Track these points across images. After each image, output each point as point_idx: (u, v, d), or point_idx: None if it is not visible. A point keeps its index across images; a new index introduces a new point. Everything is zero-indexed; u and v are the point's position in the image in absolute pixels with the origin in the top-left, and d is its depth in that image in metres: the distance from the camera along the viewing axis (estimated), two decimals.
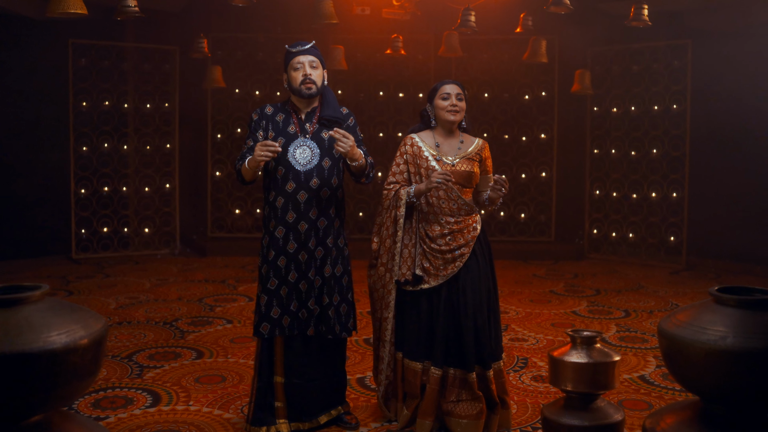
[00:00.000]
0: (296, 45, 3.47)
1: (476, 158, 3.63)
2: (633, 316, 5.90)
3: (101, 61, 8.18)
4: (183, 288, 6.80)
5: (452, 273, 3.49)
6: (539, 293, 6.69)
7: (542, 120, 8.73)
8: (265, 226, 3.54)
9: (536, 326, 5.56)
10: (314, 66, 3.45)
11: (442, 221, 3.53)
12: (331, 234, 3.50)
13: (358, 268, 7.50)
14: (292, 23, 8.38)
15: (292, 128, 3.49)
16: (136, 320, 5.62)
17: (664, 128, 8.02)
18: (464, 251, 3.50)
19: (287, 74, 3.48)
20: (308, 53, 3.45)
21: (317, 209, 3.45)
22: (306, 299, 3.47)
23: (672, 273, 7.68)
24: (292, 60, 3.44)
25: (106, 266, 7.86)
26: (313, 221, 3.45)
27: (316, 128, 3.50)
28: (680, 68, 7.87)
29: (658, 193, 8.09)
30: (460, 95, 3.58)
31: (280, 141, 3.46)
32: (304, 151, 3.45)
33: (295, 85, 3.44)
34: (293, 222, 3.43)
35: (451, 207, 3.55)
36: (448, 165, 3.57)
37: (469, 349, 3.47)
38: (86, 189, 8.18)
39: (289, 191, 3.43)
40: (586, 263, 8.31)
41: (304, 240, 3.44)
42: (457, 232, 3.52)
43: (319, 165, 3.45)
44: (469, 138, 3.70)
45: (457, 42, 7.03)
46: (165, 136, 8.62)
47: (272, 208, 3.47)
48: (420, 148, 3.62)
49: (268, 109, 3.55)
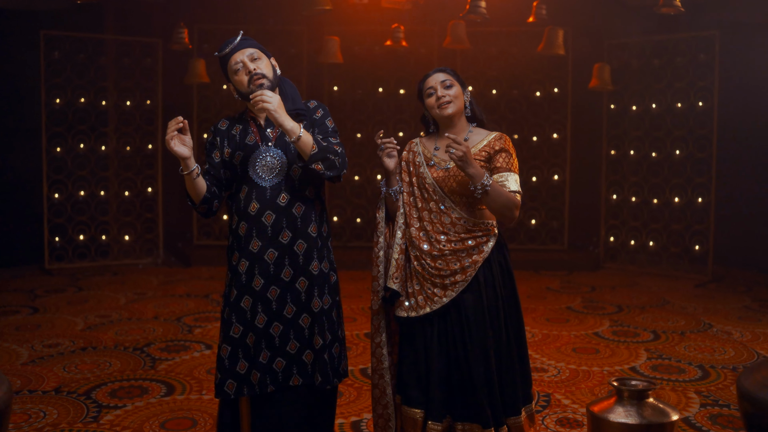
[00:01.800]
0: (224, 45, 2.81)
1: (482, 156, 2.90)
2: (663, 338, 5.26)
3: (76, 54, 7.52)
4: (161, 304, 6.15)
5: (442, 303, 2.84)
6: (555, 310, 6.05)
7: (554, 119, 8.08)
8: (228, 260, 2.89)
9: (556, 352, 4.92)
10: (255, 57, 2.79)
11: (432, 239, 2.89)
12: (315, 257, 2.84)
13: (356, 279, 6.86)
14: (285, 13, 7.74)
15: (251, 138, 2.83)
16: (104, 345, 4.97)
17: (688, 128, 7.37)
18: (458, 279, 2.84)
19: (231, 83, 2.84)
20: (242, 47, 2.79)
21: (290, 230, 2.79)
22: (282, 344, 2.81)
23: (697, 285, 7.03)
24: (228, 63, 2.80)
25: (81, 278, 7.21)
26: (286, 246, 2.78)
27: (279, 132, 2.84)
28: (706, 62, 7.21)
29: (682, 198, 7.44)
30: (447, 81, 2.91)
31: (238, 156, 2.81)
32: (268, 161, 2.80)
33: (244, 89, 2.78)
34: (258, 251, 2.77)
35: (443, 222, 2.89)
36: (441, 170, 2.92)
37: (480, 399, 2.82)
38: (60, 194, 7.53)
39: (253, 213, 2.78)
40: (603, 274, 7.67)
41: (274, 272, 2.78)
42: (450, 254, 2.86)
43: (287, 176, 2.80)
44: (480, 133, 2.99)
45: (464, 32, 6.38)
46: (147, 135, 7.97)
47: (235, 237, 2.84)
48: (415, 154, 3.01)
49: (222, 124, 2.91)
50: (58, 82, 7.42)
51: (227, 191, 2.93)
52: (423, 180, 2.94)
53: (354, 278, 7.05)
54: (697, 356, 4.81)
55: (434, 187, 2.91)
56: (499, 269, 2.93)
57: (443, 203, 2.89)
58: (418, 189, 2.95)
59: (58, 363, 4.55)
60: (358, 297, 6.43)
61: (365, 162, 8.22)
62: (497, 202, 2.78)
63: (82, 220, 7.67)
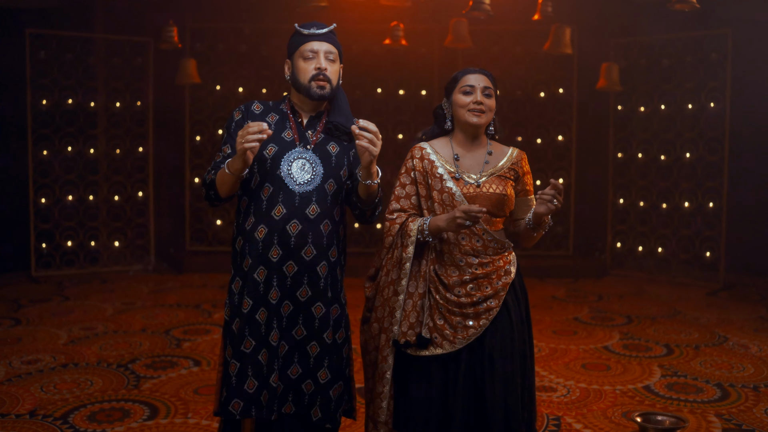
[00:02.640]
0: (310, 26, 2.56)
1: (510, 175, 2.70)
2: (676, 353, 4.99)
3: (64, 53, 7.24)
4: (150, 315, 5.88)
5: (475, 334, 2.57)
6: (562, 321, 5.78)
7: (559, 120, 7.81)
8: (235, 265, 2.61)
9: (564, 368, 4.64)
10: (331, 59, 2.57)
11: (462, 263, 2.61)
12: (334, 286, 2.60)
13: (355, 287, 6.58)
14: (280, 11, 7.45)
15: (288, 134, 2.58)
16: (86, 361, 4.70)
17: (698, 129, 7.09)
18: (492, 304, 2.58)
19: (293, 63, 2.59)
20: (325, 40, 2.56)
21: (315, 248, 2.53)
22: (284, 367, 2.55)
23: (709, 294, 6.76)
24: (303, 45, 2.55)
25: (69, 286, 6.94)
26: (308, 264, 2.53)
27: (320, 138, 2.59)
28: (718, 61, 6.94)
29: (692, 203, 7.17)
30: (488, 90, 2.66)
31: (271, 149, 2.54)
32: (303, 165, 2.54)
33: (303, 79, 2.54)
34: (278, 261, 2.51)
35: (473, 244, 2.62)
36: (471, 185, 2.65)
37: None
38: (47, 198, 7.25)
39: (277, 218, 2.51)
40: (610, 281, 7.40)
41: (291, 287, 2.53)
42: (483, 278, 2.60)
43: (320, 187, 2.54)
44: (500, 148, 2.77)
45: (466, 31, 6.11)
46: (137, 138, 7.69)
47: (249, 239, 2.54)
48: (432, 163, 2.69)
49: (256, 107, 2.63)
50: (45, 82, 7.15)
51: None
52: (450, 196, 2.63)
53: (352, 286, 6.75)
54: (714, 373, 4.54)
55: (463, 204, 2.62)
56: (519, 289, 2.68)
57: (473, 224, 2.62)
58: (441, 206, 2.65)
59: (35, 382, 4.28)
60: (356, 307, 6.13)
61: None
62: (539, 238, 2.70)
63: (70, 225, 7.41)
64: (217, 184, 2.52)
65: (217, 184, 2.52)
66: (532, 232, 2.66)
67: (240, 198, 2.62)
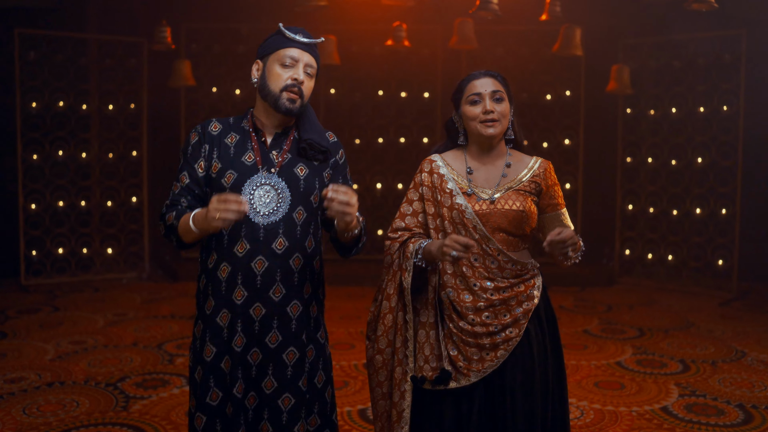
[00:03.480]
0: (297, 31, 2.29)
1: (531, 189, 2.43)
2: (693, 369, 4.75)
3: (54, 54, 7.00)
4: (142, 328, 5.65)
5: (492, 367, 2.33)
6: (571, 334, 5.55)
7: (566, 123, 7.57)
8: (198, 306, 2.36)
9: (576, 387, 4.41)
10: (309, 73, 2.29)
11: (476, 287, 2.35)
12: (307, 326, 2.34)
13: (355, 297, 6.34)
14: (279, 10, 7.22)
15: (249, 157, 2.29)
16: (73, 379, 4.46)
17: (711, 133, 6.86)
18: (511, 334, 2.34)
19: (265, 66, 2.30)
20: (309, 51, 2.29)
21: (284, 286, 2.27)
22: (254, 422, 2.29)
23: (722, 304, 6.53)
24: (282, 50, 2.27)
25: (60, 295, 6.70)
26: (277, 305, 2.27)
27: (287, 159, 2.31)
28: (732, 63, 6.71)
29: (704, 209, 6.93)
30: (498, 94, 2.39)
31: (229, 177, 2.27)
32: (267, 193, 2.26)
33: (275, 87, 2.25)
34: (243, 304, 2.25)
35: (488, 266, 2.37)
36: (485, 202, 2.40)
37: None
38: (37, 204, 7.02)
39: (240, 255, 2.25)
40: (618, 290, 7.17)
41: (259, 332, 2.27)
42: (500, 304, 2.35)
43: (288, 217, 2.27)
44: (521, 158, 2.50)
45: (472, 31, 5.88)
46: (131, 142, 7.46)
47: (211, 279, 2.29)
48: (442, 177, 2.44)
49: (213, 127, 2.34)
50: (35, 84, 6.91)
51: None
52: (460, 214, 2.38)
53: (352, 296, 6.55)
54: (735, 393, 4.31)
55: (475, 223, 2.37)
56: (545, 316, 2.43)
57: (487, 244, 2.37)
58: (451, 224, 2.40)
59: (18, 403, 4.04)
60: (356, 318, 5.93)
61: (363, 170, 7.71)
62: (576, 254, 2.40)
63: (61, 232, 7.17)
64: (180, 232, 2.25)
65: (180, 232, 2.25)
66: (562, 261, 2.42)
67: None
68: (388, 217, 7.38)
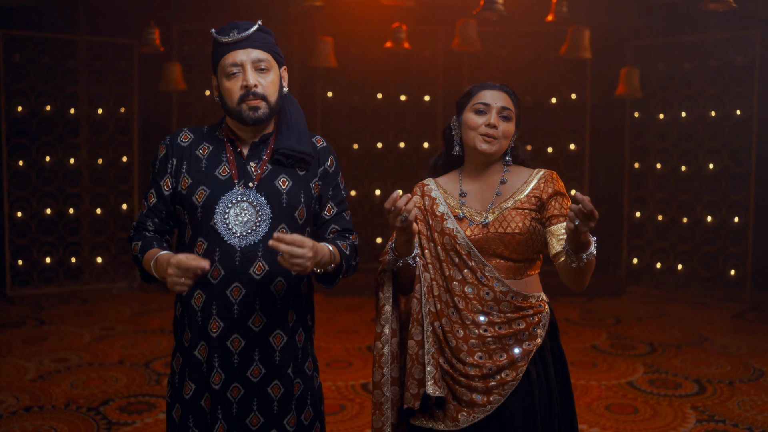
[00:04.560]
0: (230, 29, 2.03)
1: (532, 205, 2.16)
2: (710, 391, 4.50)
3: (41, 56, 6.74)
4: (130, 343, 5.39)
5: (484, 412, 2.07)
6: (579, 351, 5.30)
7: (571, 128, 7.32)
8: (176, 337, 2.13)
9: (587, 411, 4.16)
10: (263, 68, 2.03)
11: (468, 321, 2.11)
12: (294, 357, 2.09)
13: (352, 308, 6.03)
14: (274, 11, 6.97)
15: (224, 171, 2.06)
16: (52, 402, 4.21)
17: (723, 139, 6.60)
18: (507, 377, 2.08)
19: (218, 81, 2.06)
20: (251, 45, 2.02)
21: (265, 315, 2.03)
22: None
23: (734, 316, 6.28)
24: (223, 58, 2.02)
25: (47, 306, 6.45)
26: (258, 335, 2.03)
27: (267, 171, 2.07)
28: (745, 65, 6.45)
29: (715, 217, 6.68)
30: (506, 111, 2.17)
31: (201, 193, 2.03)
32: (244, 211, 2.02)
33: (231, 102, 2.02)
34: (220, 336, 2.02)
35: (482, 297, 2.11)
36: (477, 225, 2.15)
37: None
38: (24, 212, 6.76)
39: (214, 282, 2.01)
40: (626, 300, 6.91)
41: (239, 366, 2.03)
42: (495, 342, 2.10)
43: (268, 237, 2.01)
44: (520, 172, 2.24)
45: (475, 33, 5.63)
46: (121, 147, 7.20)
47: (186, 308, 2.06)
48: (434, 200, 2.22)
49: (183, 138, 2.12)
50: (20, 87, 6.65)
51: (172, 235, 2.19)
52: (452, 239, 2.15)
53: (350, 307, 6.30)
54: (756, 418, 4.05)
55: (469, 249, 2.13)
56: (551, 358, 2.16)
57: (482, 271, 2.12)
58: (444, 251, 2.16)
59: None
60: (353, 332, 5.68)
61: (362, 175, 7.46)
62: (589, 272, 1.99)
63: (48, 240, 6.91)
64: (144, 268, 2.04)
65: (144, 267, 2.04)
66: (570, 262, 1.96)
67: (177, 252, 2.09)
68: (387, 225, 7.12)
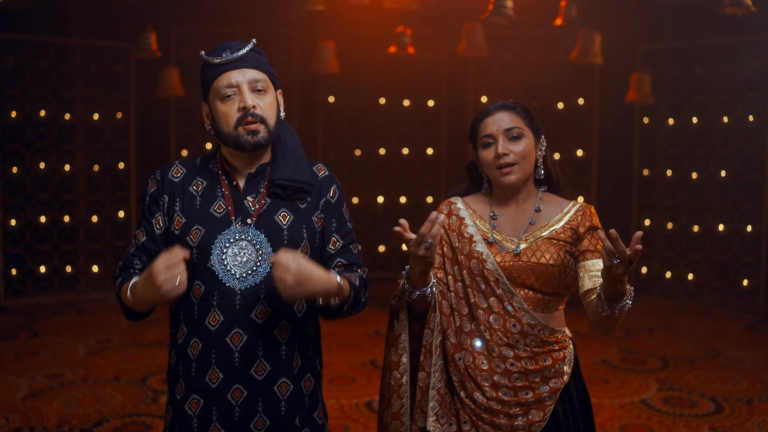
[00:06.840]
0: (221, 50, 1.85)
1: (567, 237, 2.00)
2: (727, 410, 4.33)
3: (36, 60, 6.58)
4: (126, 357, 5.22)
5: None
6: (589, 365, 5.12)
7: (579, 134, 7.15)
8: (170, 388, 1.94)
9: (600, 431, 3.99)
10: (260, 88, 1.85)
11: (494, 354, 1.95)
12: (302, 406, 1.91)
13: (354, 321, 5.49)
14: (275, 14, 6.81)
15: (219, 207, 1.88)
16: (44, 424, 4.03)
17: (735, 145, 6.44)
18: (535, 418, 1.93)
19: (210, 108, 1.88)
20: (246, 65, 1.84)
21: (268, 362, 1.85)
22: None
23: (748, 327, 6.10)
24: (217, 81, 1.84)
25: (41, 317, 6.28)
26: (260, 385, 1.85)
27: (266, 205, 1.88)
28: (759, 70, 6.28)
29: (728, 226, 6.51)
30: (513, 130, 2.02)
31: (196, 233, 1.85)
32: (243, 250, 1.84)
33: (227, 128, 1.84)
34: (218, 387, 1.83)
35: (508, 329, 1.96)
36: (508, 253, 1.99)
37: None
38: (17, 219, 6.59)
39: (213, 328, 1.83)
40: (636, 310, 6.70)
41: (240, 420, 1.85)
42: (520, 378, 1.94)
43: (270, 277, 1.82)
44: (555, 201, 2.09)
45: (482, 37, 5.47)
46: (118, 153, 7.03)
47: (181, 357, 1.87)
48: (462, 220, 2.06)
49: (175, 172, 1.94)
50: (14, 92, 6.50)
51: None
52: (480, 263, 1.99)
53: (351, 320, 6.10)
54: None
55: (498, 276, 1.97)
56: (576, 397, 2.00)
57: (510, 301, 1.96)
58: (470, 275, 2.00)
59: None
60: (357, 345, 5.51)
61: (364, 182, 7.29)
62: (620, 321, 1.84)
63: (43, 249, 6.75)
64: (124, 301, 1.84)
65: (124, 301, 1.84)
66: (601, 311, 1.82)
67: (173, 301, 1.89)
68: (390, 233, 6.95)
